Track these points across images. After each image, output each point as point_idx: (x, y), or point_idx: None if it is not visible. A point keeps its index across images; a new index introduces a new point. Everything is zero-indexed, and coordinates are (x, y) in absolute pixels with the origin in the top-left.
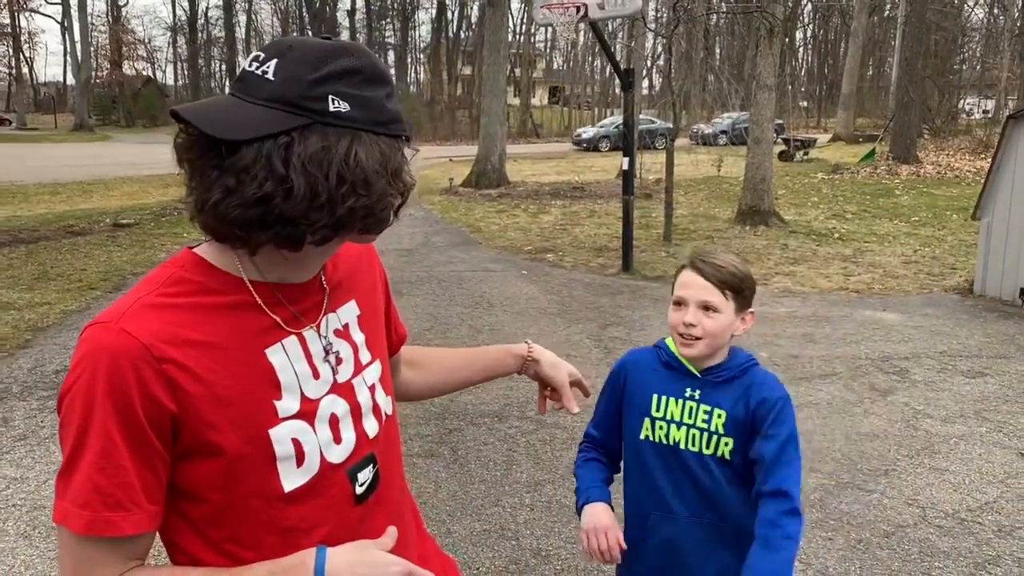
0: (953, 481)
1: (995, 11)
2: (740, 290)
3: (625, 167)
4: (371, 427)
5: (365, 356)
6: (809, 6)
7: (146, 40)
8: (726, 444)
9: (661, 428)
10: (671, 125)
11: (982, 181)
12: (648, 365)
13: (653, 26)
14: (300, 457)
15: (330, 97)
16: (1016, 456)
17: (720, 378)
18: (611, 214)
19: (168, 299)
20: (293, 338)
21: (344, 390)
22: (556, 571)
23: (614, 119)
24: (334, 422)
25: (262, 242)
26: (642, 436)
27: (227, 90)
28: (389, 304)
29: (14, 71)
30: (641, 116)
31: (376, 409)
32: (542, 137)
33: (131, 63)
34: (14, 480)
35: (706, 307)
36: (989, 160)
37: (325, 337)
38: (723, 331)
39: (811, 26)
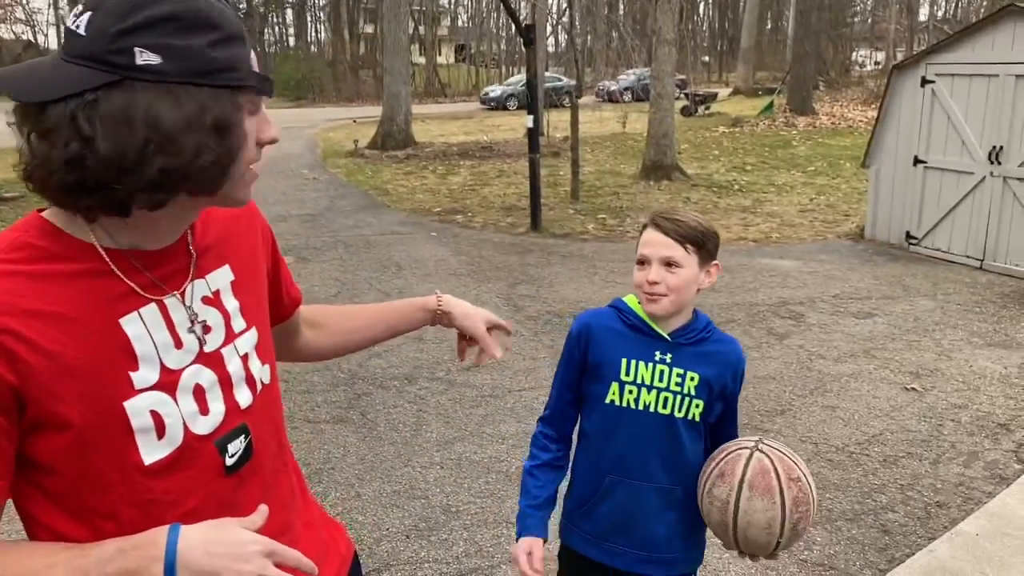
0: (843, 417)
1: None
2: (702, 243)
3: (530, 125)
4: (244, 397)
5: (239, 324)
6: None
7: (23, 1)
8: (696, 406)
9: (631, 392)
10: (576, 82)
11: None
12: (612, 329)
13: None
14: (160, 429)
15: (136, 49)
16: (900, 390)
17: (690, 340)
18: (520, 173)
19: (8, 266)
20: (152, 306)
21: (211, 360)
22: (466, 526)
23: (521, 77)
24: (199, 393)
25: (91, 207)
26: (607, 400)
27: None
28: (278, 266)
29: None
30: (547, 74)
31: (250, 379)
32: (449, 96)
33: (8, 26)
34: None
35: (668, 263)
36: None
37: (190, 306)
38: (687, 286)
39: None
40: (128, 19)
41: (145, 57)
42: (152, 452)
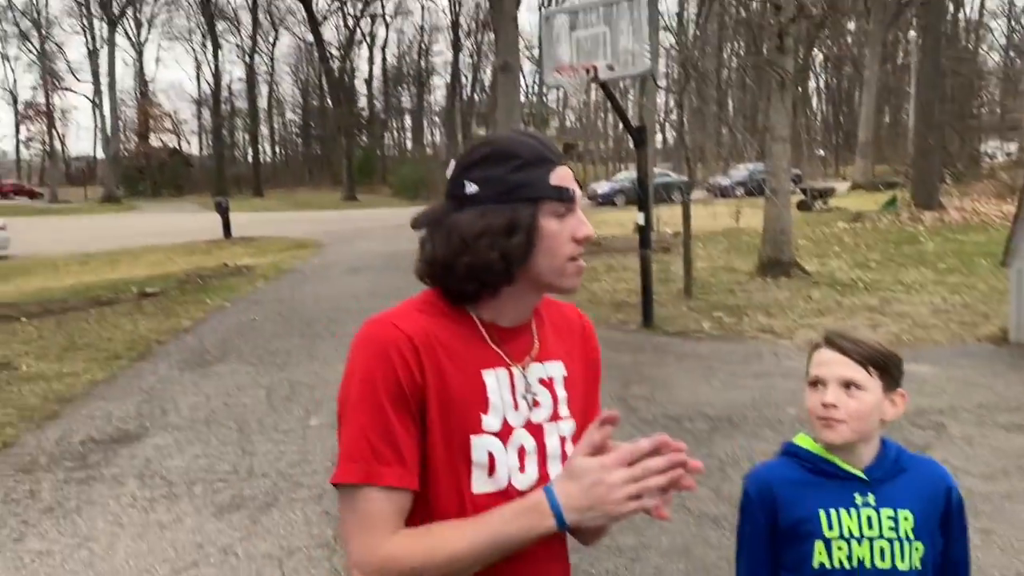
0: (1000, 543)
1: (1011, 54)
2: (885, 367)
3: (641, 222)
4: (555, 471)
5: (563, 411)
6: (820, 57)
7: (172, 113)
8: (917, 550)
9: (840, 549)
10: (687, 178)
11: (1010, 225)
12: (795, 479)
13: (664, 83)
14: (491, 469)
15: (465, 182)
16: None
17: (888, 474)
18: (629, 268)
19: (427, 310)
20: (504, 370)
21: (535, 430)
22: None
23: (628, 173)
24: (522, 453)
25: (441, 289)
26: (815, 565)
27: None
28: (595, 388)
29: (47, 147)
30: (656, 170)
31: (564, 458)
32: None
33: (157, 135)
34: (40, 554)
35: (848, 384)
36: (1016, 204)
37: (527, 379)
38: (869, 413)
39: (824, 75)
40: (464, 162)
41: (470, 188)
42: (480, 484)
